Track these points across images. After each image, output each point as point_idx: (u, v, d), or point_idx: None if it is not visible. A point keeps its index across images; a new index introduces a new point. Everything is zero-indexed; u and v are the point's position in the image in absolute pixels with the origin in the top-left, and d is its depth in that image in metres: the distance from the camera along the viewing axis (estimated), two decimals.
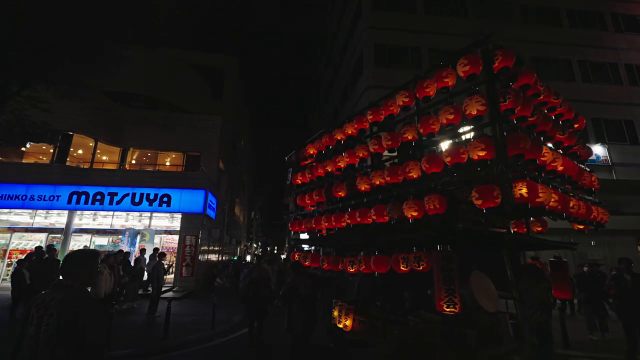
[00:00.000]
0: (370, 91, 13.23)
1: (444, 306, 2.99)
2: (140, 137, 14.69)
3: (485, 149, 3.05)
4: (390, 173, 3.93)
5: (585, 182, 4.27)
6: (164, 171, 14.02)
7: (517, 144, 3.02)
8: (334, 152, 5.27)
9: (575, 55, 14.88)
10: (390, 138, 4.13)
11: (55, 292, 1.73)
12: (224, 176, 19.24)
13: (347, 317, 4.17)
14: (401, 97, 4.15)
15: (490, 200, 2.95)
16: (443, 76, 3.68)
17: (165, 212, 12.37)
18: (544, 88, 3.91)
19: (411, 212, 3.47)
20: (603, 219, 4.49)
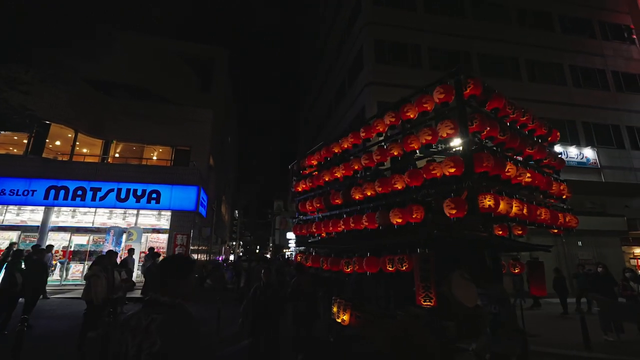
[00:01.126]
0: (370, 88, 12.97)
1: (422, 301, 3.49)
2: (124, 129, 13.74)
3: (454, 166, 3.53)
4: (380, 184, 4.46)
5: (554, 192, 4.76)
6: (153, 166, 13.16)
7: (481, 162, 3.49)
8: (332, 164, 5.85)
9: (566, 60, 15.28)
10: (379, 153, 4.63)
11: (152, 312, 1.40)
12: (212, 173, 18.45)
13: (344, 312, 4.56)
14: (388, 117, 4.68)
15: (461, 210, 3.44)
16: (422, 102, 4.20)
17: (155, 209, 11.58)
18: (513, 109, 4.42)
19: (396, 219, 3.99)
20: (571, 224, 4.97)
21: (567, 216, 4.90)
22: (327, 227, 5.51)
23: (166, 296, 1.47)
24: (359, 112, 13.99)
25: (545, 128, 5.04)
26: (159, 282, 1.54)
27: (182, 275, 1.56)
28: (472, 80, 3.84)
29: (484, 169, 3.55)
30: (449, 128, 3.80)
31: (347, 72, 16.13)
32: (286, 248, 39.63)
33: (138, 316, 1.43)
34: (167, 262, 1.66)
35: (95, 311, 5.15)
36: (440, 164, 3.76)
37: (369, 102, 12.86)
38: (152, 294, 1.50)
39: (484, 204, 3.47)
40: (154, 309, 1.44)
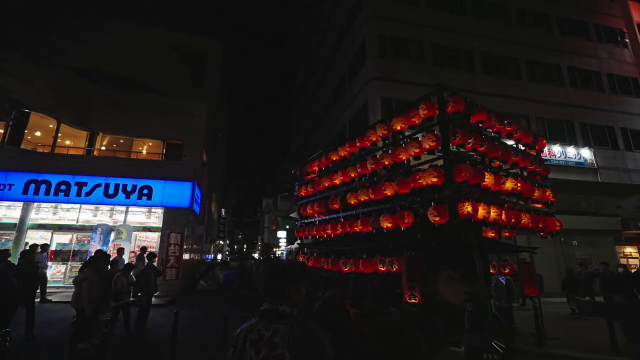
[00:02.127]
0: (373, 83, 12.62)
1: (407, 298, 3.73)
2: (111, 120, 12.85)
3: (436, 176, 3.80)
4: (372, 191, 4.69)
5: (538, 197, 4.93)
6: (144, 160, 12.36)
7: (460, 173, 3.68)
8: (331, 171, 6.08)
9: (564, 61, 15.41)
10: (374, 162, 4.88)
11: (273, 323, 1.32)
12: (205, 169, 17.69)
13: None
14: (381, 129, 4.89)
15: (443, 217, 3.64)
16: (411, 116, 4.43)
17: (147, 206, 10.83)
18: (497, 120, 4.68)
19: (386, 224, 4.22)
20: (555, 227, 5.16)
21: (551, 220, 5.06)
22: (327, 229, 5.79)
23: (284, 305, 1.38)
24: (360, 108, 13.62)
25: (531, 136, 5.26)
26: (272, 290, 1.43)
27: (297, 282, 1.47)
28: (452, 98, 4.08)
29: (464, 179, 3.75)
30: (431, 141, 4.06)
31: (347, 69, 15.73)
32: (276, 247, 38.98)
33: (257, 328, 1.33)
34: (281, 269, 1.55)
35: (87, 320, 4.54)
36: (424, 174, 4.02)
37: (372, 98, 12.50)
38: (270, 303, 1.40)
39: (462, 210, 3.66)
40: (274, 319, 1.34)
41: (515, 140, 5.11)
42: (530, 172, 5.13)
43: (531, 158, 5.08)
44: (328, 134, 18.38)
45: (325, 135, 19.12)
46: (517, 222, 4.42)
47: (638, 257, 15.19)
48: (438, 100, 4.21)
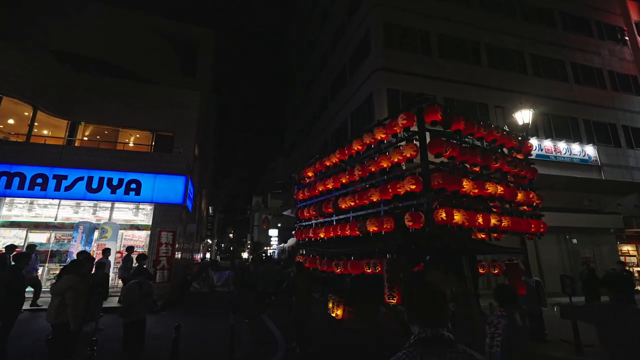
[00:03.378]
0: (379, 74, 11.99)
1: (387, 298, 3.94)
2: (95, 109, 11.79)
3: (415, 184, 3.95)
4: (359, 197, 4.94)
5: (521, 200, 5.06)
6: (132, 151, 11.35)
7: (438, 180, 3.87)
8: (324, 176, 6.40)
9: (568, 57, 15.20)
10: (361, 169, 5.10)
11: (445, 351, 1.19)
12: (197, 164, 16.71)
13: (338, 307, 5.21)
14: (368, 137, 5.04)
15: (417, 223, 3.80)
16: (392, 125, 4.56)
17: (135, 202, 9.88)
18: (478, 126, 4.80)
19: (372, 228, 4.44)
20: (539, 229, 5.31)
21: (535, 222, 5.21)
22: (321, 232, 6.13)
23: (445, 330, 1.26)
24: (363, 101, 12.98)
25: (515, 140, 5.37)
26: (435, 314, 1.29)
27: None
28: (429, 109, 4.26)
29: (440, 186, 3.92)
30: (412, 150, 4.23)
31: (348, 61, 15.06)
32: (267, 246, 38.10)
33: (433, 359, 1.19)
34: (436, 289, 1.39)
35: (71, 337, 3.71)
36: (404, 182, 4.19)
37: (377, 90, 11.87)
38: (432, 329, 1.25)
39: (437, 217, 3.81)
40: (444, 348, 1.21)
41: (499, 145, 5.17)
42: (514, 175, 5.21)
43: (516, 162, 5.16)
44: (326, 130, 17.69)
45: (322, 131, 18.42)
46: (496, 226, 4.50)
47: (636, 255, 15.17)
48: (417, 112, 4.32)
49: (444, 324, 1.28)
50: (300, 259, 7.01)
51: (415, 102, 4.46)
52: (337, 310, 5.28)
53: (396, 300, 4.00)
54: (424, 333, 1.26)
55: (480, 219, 4.33)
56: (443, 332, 1.24)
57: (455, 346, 1.23)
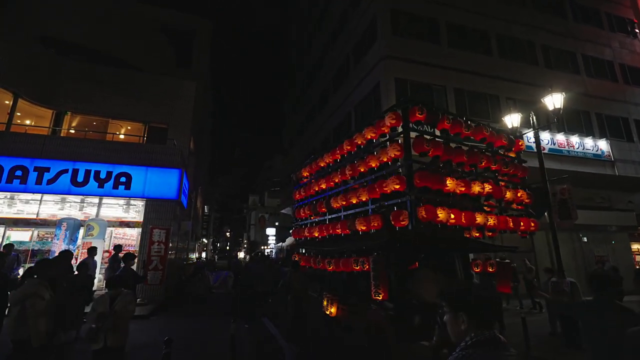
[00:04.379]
0: (386, 62, 11.33)
1: (373, 295, 4.10)
2: (83, 98, 10.99)
3: (399, 183, 4.11)
4: (350, 196, 5.03)
5: (510, 199, 5.09)
6: (122, 142, 10.56)
7: (421, 179, 3.99)
8: (319, 176, 6.51)
9: (579, 49, 14.68)
10: (351, 169, 5.16)
11: (503, 353, 1.16)
12: (192, 159, 15.93)
13: (332, 305, 5.20)
14: (359, 138, 5.09)
15: (400, 221, 3.99)
16: (380, 126, 4.62)
17: (124, 196, 9.10)
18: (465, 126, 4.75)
19: (361, 227, 4.59)
20: (529, 228, 5.31)
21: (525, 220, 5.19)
22: (315, 231, 6.25)
23: (497, 332, 1.24)
24: (369, 92, 12.31)
25: (506, 139, 5.34)
26: (489, 315, 1.28)
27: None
28: (414, 108, 4.31)
29: (423, 185, 3.97)
30: (396, 150, 4.23)
31: (352, 51, 14.38)
32: (264, 245, 37.36)
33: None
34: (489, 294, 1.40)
35: (35, 357, 2.97)
36: (388, 181, 4.24)
37: (384, 79, 11.21)
38: (488, 331, 1.22)
39: (420, 214, 3.84)
40: (502, 350, 1.19)
41: (487, 144, 5.15)
42: (504, 174, 5.19)
43: (506, 160, 5.12)
44: (327, 125, 17.00)
45: (323, 126, 17.72)
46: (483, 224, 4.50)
47: None
48: (402, 112, 4.36)
49: (495, 326, 1.28)
50: (297, 257, 7.17)
51: (401, 102, 4.47)
52: (331, 308, 5.27)
53: (382, 296, 4.05)
54: (482, 335, 1.23)
55: (464, 217, 4.28)
56: (499, 335, 1.24)
57: (509, 349, 1.22)
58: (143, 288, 8.48)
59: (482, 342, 1.21)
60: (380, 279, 4.11)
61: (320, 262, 5.85)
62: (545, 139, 12.40)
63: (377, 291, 4.11)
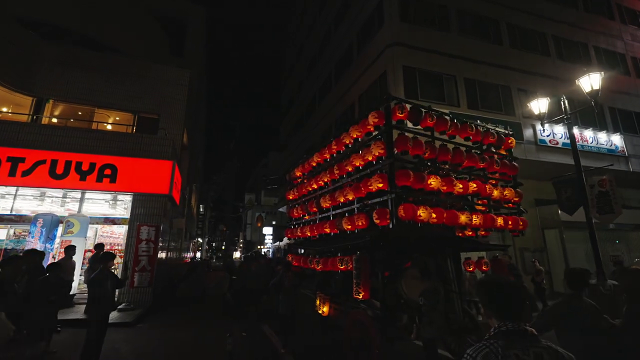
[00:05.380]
0: (394, 49, 10.62)
1: (354, 294, 4.25)
2: (66, 85, 10.12)
3: (382, 182, 4.15)
4: (337, 195, 5.19)
5: (498, 197, 5.01)
6: (108, 131, 9.71)
7: (403, 178, 4.02)
8: (310, 176, 6.59)
9: (590, 41, 14.13)
10: (338, 168, 5.32)
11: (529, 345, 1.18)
12: (186, 154, 15.09)
13: (324, 305, 5.39)
14: (346, 137, 5.22)
15: (384, 219, 3.99)
16: (366, 124, 4.68)
17: (109, 191, 8.26)
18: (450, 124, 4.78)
19: (347, 226, 4.75)
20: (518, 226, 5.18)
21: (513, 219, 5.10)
22: (306, 231, 6.30)
23: (526, 325, 1.25)
24: (374, 81, 11.60)
25: (493, 137, 5.20)
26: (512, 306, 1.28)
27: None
28: (395, 107, 4.32)
29: (407, 183, 4.01)
30: (380, 148, 4.24)
31: (356, 38, 13.66)
32: (261, 244, 36.56)
33: (512, 352, 1.17)
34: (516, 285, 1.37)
35: None
36: (372, 179, 4.29)
37: (392, 67, 10.50)
38: (514, 323, 1.24)
39: (400, 213, 3.89)
40: (529, 342, 1.20)
41: (473, 142, 5.15)
42: (492, 172, 5.18)
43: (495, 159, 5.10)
44: (327, 118, 16.26)
45: (323, 120, 16.98)
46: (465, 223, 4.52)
47: None
48: (385, 110, 4.37)
49: (525, 318, 1.26)
50: (290, 257, 7.28)
51: (383, 100, 4.42)
52: (324, 307, 5.28)
53: (362, 296, 4.06)
54: (505, 326, 1.24)
55: (445, 216, 4.26)
56: (526, 327, 1.23)
57: (539, 341, 1.21)
58: (129, 291, 7.68)
59: (504, 333, 1.22)
60: (362, 277, 4.14)
61: (310, 261, 5.94)
62: (559, 132, 11.83)
63: (357, 290, 4.14)
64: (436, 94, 10.67)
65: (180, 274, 11.40)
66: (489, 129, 5.31)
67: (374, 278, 4.46)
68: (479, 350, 1.20)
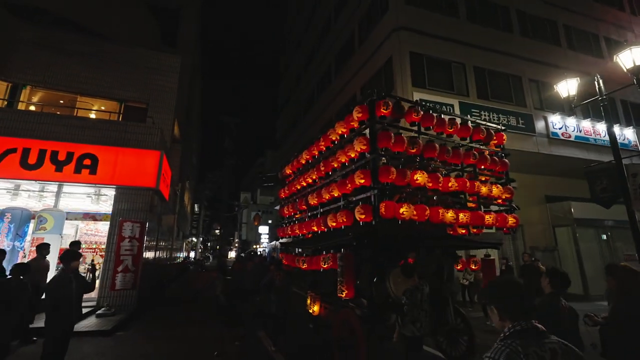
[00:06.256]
0: (400, 34, 9.95)
1: (337, 292, 4.17)
2: (45, 69, 9.31)
3: (364, 178, 4.11)
4: (323, 193, 5.11)
5: (486, 194, 4.98)
6: (88, 118, 8.87)
7: (385, 174, 3.98)
8: (299, 173, 6.70)
9: (601, 31, 13.59)
10: (324, 165, 5.29)
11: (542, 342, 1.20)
12: (177, 148, 14.29)
13: (315, 304, 5.31)
14: (333, 133, 5.15)
15: (367, 216, 3.95)
16: (350, 121, 4.67)
17: (89, 183, 7.45)
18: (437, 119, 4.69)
19: (332, 223, 4.63)
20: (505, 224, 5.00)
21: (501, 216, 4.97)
22: (296, 229, 6.24)
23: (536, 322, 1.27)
24: (378, 70, 10.93)
25: (483, 133, 5.08)
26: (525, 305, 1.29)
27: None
28: (378, 102, 4.29)
29: (389, 180, 3.99)
30: (362, 144, 4.27)
31: (359, 25, 12.98)
32: (257, 244, 35.76)
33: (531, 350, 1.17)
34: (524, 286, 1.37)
35: None
36: (354, 175, 4.31)
37: (398, 53, 9.83)
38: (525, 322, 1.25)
39: (381, 210, 3.86)
40: (542, 339, 1.21)
41: (461, 138, 5.08)
42: (480, 169, 5.14)
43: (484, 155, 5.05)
44: (328, 111, 15.55)
45: (323, 113, 16.27)
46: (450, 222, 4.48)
47: None
48: (368, 104, 4.36)
49: (534, 316, 1.28)
50: (281, 256, 7.26)
51: (367, 95, 4.41)
52: (314, 306, 5.23)
53: (345, 294, 4.03)
54: (519, 325, 1.25)
55: (429, 213, 4.18)
56: (537, 324, 1.26)
57: (549, 337, 1.24)
58: (110, 294, 6.91)
59: (519, 332, 1.24)
60: (346, 276, 4.07)
61: (298, 260, 5.95)
62: (571, 125, 11.26)
63: (341, 289, 4.07)
64: (445, 83, 10.02)
65: (171, 274, 10.61)
66: (479, 124, 5.23)
67: (361, 276, 4.37)
68: (500, 352, 1.20)
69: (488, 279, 4.86)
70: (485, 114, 9.99)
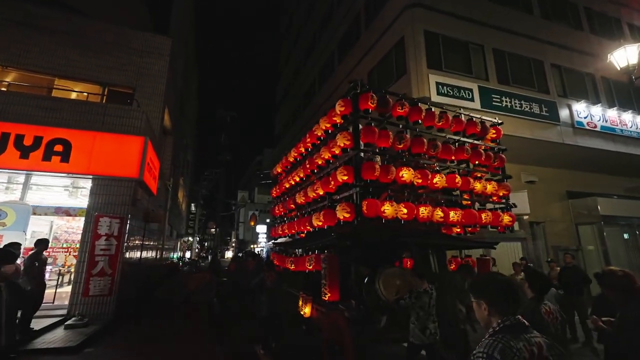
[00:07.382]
0: (413, 11, 9.01)
1: (322, 294, 4.07)
2: (20, 48, 8.33)
3: (347, 174, 3.97)
4: (309, 191, 4.97)
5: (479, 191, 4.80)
6: (59, 99, 7.84)
7: (368, 171, 3.84)
8: (288, 172, 6.59)
9: (624, 17, 12.76)
10: (309, 163, 5.17)
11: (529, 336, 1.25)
12: (169, 140, 13.31)
13: (306, 305, 5.08)
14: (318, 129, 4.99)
15: (352, 214, 3.85)
16: (332, 116, 4.52)
17: (60, 173, 6.44)
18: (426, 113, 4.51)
19: (317, 222, 4.55)
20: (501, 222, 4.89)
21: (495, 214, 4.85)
22: (286, 229, 6.30)
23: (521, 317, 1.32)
24: (388, 52, 9.99)
25: (478, 126, 4.95)
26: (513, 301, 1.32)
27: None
28: (361, 96, 4.12)
29: (373, 177, 3.85)
30: (346, 139, 4.14)
31: (364, 6, 12.04)
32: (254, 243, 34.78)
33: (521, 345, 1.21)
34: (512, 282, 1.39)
35: None
36: (337, 172, 4.16)
37: (411, 32, 8.89)
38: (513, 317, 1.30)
39: (363, 208, 3.74)
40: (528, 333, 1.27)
41: (454, 132, 4.92)
42: (475, 164, 4.94)
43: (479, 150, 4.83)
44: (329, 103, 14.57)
45: (324, 105, 15.30)
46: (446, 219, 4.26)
47: None
48: (352, 98, 4.19)
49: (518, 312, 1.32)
50: (273, 256, 7.06)
51: (350, 88, 4.25)
52: (306, 307, 5.09)
53: (328, 297, 3.92)
54: (508, 320, 1.28)
55: (418, 212, 4.04)
56: (522, 319, 1.29)
57: (533, 331, 1.29)
58: (82, 301, 5.91)
59: (509, 327, 1.27)
60: (329, 278, 3.94)
61: (287, 260, 5.79)
62: (597, 114, 10.37)
63: (324, 291, 3.95)
64: (462, 66, 9.10)
65: (160, 274, 9.62)
66: (472, 117, 5.01)
67: (350, 278, 4.15)
68: (493, 347, 1.20)
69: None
70: (507, 100, 9.08)
